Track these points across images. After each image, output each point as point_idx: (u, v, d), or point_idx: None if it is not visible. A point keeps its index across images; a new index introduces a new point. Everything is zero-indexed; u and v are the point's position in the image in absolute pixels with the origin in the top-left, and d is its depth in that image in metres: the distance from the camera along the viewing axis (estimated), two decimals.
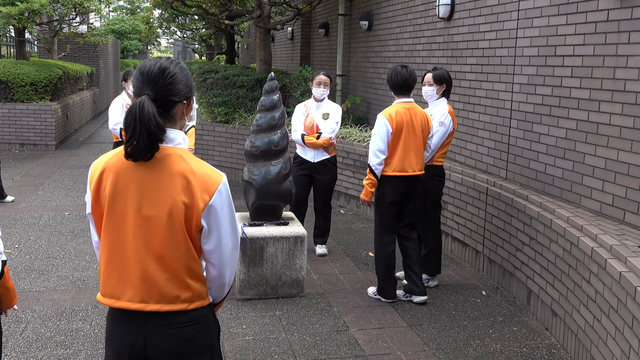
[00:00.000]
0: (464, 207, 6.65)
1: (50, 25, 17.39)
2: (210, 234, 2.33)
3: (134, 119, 2.16)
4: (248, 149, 5.73)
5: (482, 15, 6.70)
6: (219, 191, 2.30)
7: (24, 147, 13.42)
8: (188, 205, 2.26)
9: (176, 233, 2.27)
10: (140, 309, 2.28)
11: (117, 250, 2.30)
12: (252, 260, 5.53)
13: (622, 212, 4.66)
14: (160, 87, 2.25)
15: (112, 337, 2.35)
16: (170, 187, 2.25)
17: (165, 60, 2.30)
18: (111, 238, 2.30)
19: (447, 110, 5.69)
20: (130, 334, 2.31)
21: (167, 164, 2.27)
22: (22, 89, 13.27)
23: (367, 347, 4.71)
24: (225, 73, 10.89)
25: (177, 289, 2.31)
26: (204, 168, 2.31)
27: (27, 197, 9.21)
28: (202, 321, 2.37)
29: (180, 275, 2.31)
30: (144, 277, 2.27)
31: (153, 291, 2.28)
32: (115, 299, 2.30)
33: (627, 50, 4.57)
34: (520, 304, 5.59)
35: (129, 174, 2.27)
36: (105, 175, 2.29)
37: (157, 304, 2.29)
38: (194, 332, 2.35)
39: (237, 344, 4.71)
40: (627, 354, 3.70)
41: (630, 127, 4.55)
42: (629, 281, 3.71)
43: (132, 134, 2.17)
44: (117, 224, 2.29)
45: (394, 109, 5.28)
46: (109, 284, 2.32)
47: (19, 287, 5.68)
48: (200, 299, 2.37)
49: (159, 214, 2.25)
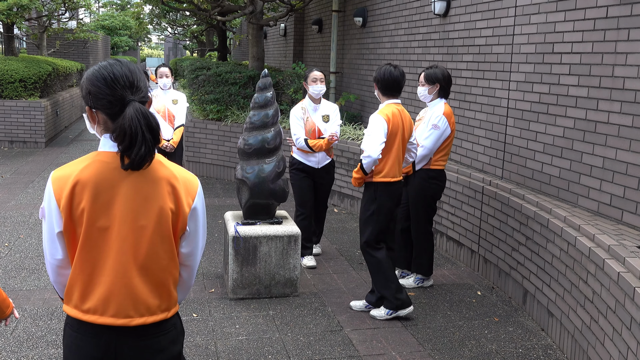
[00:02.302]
0: (459, 206, 6.64)
1: (40, 21, 17.30)
2: (189, 237, 2.35)
3: (140, 126, 2.11)
4: (241, 147, 5.70)
5: (478, 12, 6.68)
6: (198, 194, 2.34)
7: (13, 144, 13.34)
8: (174, 211, 2.26)
9: (163, 241, 2.26)
10: (126, 324, 2.24)
11: (98, 265, 2.23)
12: (246, 260, 5.50)
13: (620, 211, 4.65)
14: (136, 90, 2.20)
15: (78, 349, 2.27)
16: (157, 194, 2.23)
17: (125, 63, 2.23)
18: (91, 254, 2.22)
19: (441, 112, 5.58)
20: (99, 347, 2.26)
21: (150, 170, 2.23)
22: (10, 85, 13.18)
23: (362, 348, 4.69)
24: (217, 70, 10.85)
25: (160, 299, 2.29)
26: (182, 172, 2.32)
27: (16, 195, 9.15)
28: (172, 330, 2.37)
29: (166, 283, 2.30)
30: (129, 291, 2.23)
31: (139, 304, 2.25)
32: (98, 315, 2.23)
33: (627, 48, 4.56)
34: (516, 304, 5.58)
35: (112, 185, 2.19)
36: (79, 190, 2.17)
37: (141, 317, 2.26)
38: (165, 342, 2.34)
39: (230, 344, 4.68)
40: (625, 355, 3.70)
41: (629, 126, 4.54)
42: (627, 282, 3.70)
43: (143, 142, 2.11)
44: (97, 239, 2.21)
45: (389, 109, 5.04)
46: (90, 300, 2.24)
47: (10, 286, 5.63)
48: (175, 305, 2.38)
49: (147, 223, 2.22)
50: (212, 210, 8.43)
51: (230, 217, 5.91)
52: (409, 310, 5.14)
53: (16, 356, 4.42)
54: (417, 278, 5.94)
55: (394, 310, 5.13)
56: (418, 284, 5.93)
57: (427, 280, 5.96)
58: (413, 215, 5.81)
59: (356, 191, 8.55)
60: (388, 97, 5.14)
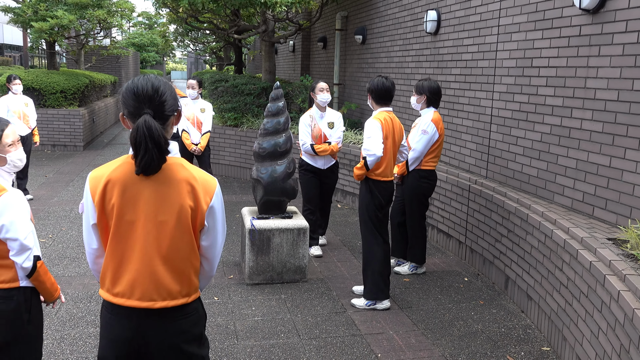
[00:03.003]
0: (448, 202, 6.62)
1: (78, 39, 17.29)
2: (208, 231, 2.34)
3: (144, 137, 2.10)
4: (256, 150, 5.69)
5: (465, 30, 6.66)
6: (216, 194, 2.32)
7: (55, 147, 13.35)
8: (193, 208, 2.25)
9: (183, 234, 2.25)
10: (149, 307, 2.25)
11: (126, 255, 2.24)
12: (260, 250, 5.50)
13: (591, 207, 4.63)
14: (156, 104, 2.18)
15: (111, 329, 2.29)
16: (177, 193, 2.22)
17: (153, 78, 2.22)
18: (121, 245, 2.24)
19: (430, 119, 5.55)
20: (129, 328, 2.27)
21: (171, 172, 2.23)
22: (53, 96, 13.20)
23: (363, 327, 4.69)
24: (234, 82, 10.84)
25: (181, 285, 2.29)
26: (201, 174, 2.30)
27: (58, 192, 9.16)
28: (194, 314, 2.36)
29: (186, 272, 2.30)
30: (153, 277, 2.24)
31: (161, 289, 2.26)
32: (126, 298, 2.25)
33: (598, 62, 4.54)
34: (498, 289, 5.57)
35: (137, 184, 2.21)
36: (110, 188, 2.20)
37: (164, 301, 2.26)
38: (186, 325, 2.33)
39: (247, 323, 4.68)
40: (596, 334, 3.68)
41: (600, 132, 4.52)
42: (598, 269, 3.69)
43: (145, 151, 2.11)
44: (126, 231, 2.23)
45: (382, 115, 4.93)
46: (119, 285, 2.26)
47: (53, 273, 5.64)
48: (196, 292, 2.37)
49: (168, 218, 2.22)
50: (230, 205, 8.43)
51: (246, 212, 5.90)
52: (386, 304, 5.04)
53: (60, 334, 4.43)
54: (412, 266, 5.93)
55: (372, 302, 5.05)
56: (412, 271, 5.92)
57: (420, 268, 5.95)
58: (408, 211, 5.80)
59: (357, 189, 8.54)
60: (380, 105, 5.02)
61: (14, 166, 2.80)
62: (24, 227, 2.67)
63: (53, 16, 13.54)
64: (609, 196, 4.44)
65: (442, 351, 4.34)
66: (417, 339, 4.51)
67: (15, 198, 2.68)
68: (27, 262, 2.69)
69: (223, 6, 10.47)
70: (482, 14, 6.30)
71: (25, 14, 13.92)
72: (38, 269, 2.75)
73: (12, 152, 2.78)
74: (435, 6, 7.41)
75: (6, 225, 2.62)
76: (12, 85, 8.40)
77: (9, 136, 2.77)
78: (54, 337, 4.39)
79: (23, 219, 2.68)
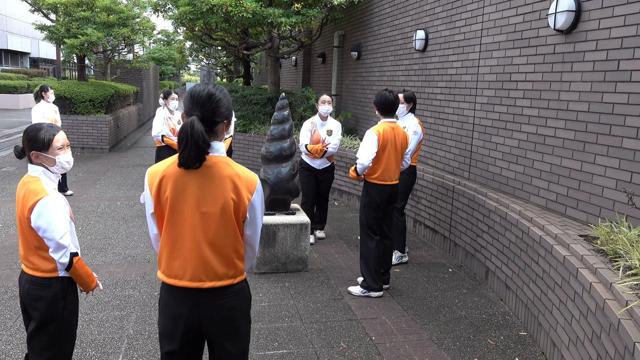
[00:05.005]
0: (434, 201, 6.56)
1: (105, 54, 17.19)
2: (250, 222, 2.32)
3: (186, 135, 2.09)
4: (263, 153, 5.63)
5: (450, 48, 6.60)
6: (257, 190, 2.29)
7: (84, 150, 13.25)
8: (236, 202, 2.22)
9: (227, 224, 2.23)
10: (199, 287, 2.24)
11: (178, 241, 2.24)
12: (267, 242, 5.43)
13: (564, 207, 4.57)
14: (207, 109, 2.18)
15: (169, 307, 2.29)
16: (222, 188, 2.20)
17: (212, 87, 2.22)
18: (173, 232, 2.24)
19: (417, 122, 5.59)
20: (185, 305, 2.26)
21: (217, 169, 2.21)
22: (82, 104, 13.10)
23: (359, 312, 4.62)
24: (243, 92, 10.78)
25: (226, 268, 2.27)
26: (245, 172, 2.27)
27: (87, 189, 9.08)
28: (241, 293, 2.34)
29: (230, 256, 2.28)
30: (201, 260, 2.23)
31: (209, 271, 2.24)
32: (179, 279, 2.25)
33: (570, 77, 4.48)
34: (480, 279, 5.51)
35: (186, 179, 2.20)
36: (165, 182, 2.21)
37: (211, 281, 2.25)
38: (236, 302, 2.31)
39: (255, 309, 4.61)
40: (569, 321, 3.62)
41: (572, 139, 4.46)
42: (571, 263, 3.62)
43: (185, 147, 2.11)
44: (177, 220, 2.22)
45: (381, 127, 4.82)
46: (173, 267, 2.26)
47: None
48: (241, 274, 2.35)
49: (213, 209, 2.20)
50: None
51: None
52: (379, 292, 4.97)
53: (89, 317, 4.36)
54: (397, 256, 5.86)
55: (367, 290, 4.98)
56: (398, 261, 5.85)
57: (404, 257, 5.88)
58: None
59: (353, 189, 8.48)
60: (384, 116, 4.89)
61: (62, 167, 2.78)
62: (60, 228, 2.64)
63: (83, 34, 13.48)
64: (580, 197, 4.38)
65: (430, 335, 4.27)
66: (407, 324, 4.44)
67: (53, 201, 2.64)
68: (63, 259, 2.69)
69: (234, 25, 10.40)
70: (465, 34, 6.24)
71: (59, 31, 13.87)
72: (74, 264, 2.74)
73: (61, 154, 2.76)
74: (424, 26, 7.34)
75: (43, 226, 2.62)
76: (47, 94, 8.33)
77: (59, 140, 2.74)
78: (83, 319, 4.32)
79: (59, 220, 2.65)
